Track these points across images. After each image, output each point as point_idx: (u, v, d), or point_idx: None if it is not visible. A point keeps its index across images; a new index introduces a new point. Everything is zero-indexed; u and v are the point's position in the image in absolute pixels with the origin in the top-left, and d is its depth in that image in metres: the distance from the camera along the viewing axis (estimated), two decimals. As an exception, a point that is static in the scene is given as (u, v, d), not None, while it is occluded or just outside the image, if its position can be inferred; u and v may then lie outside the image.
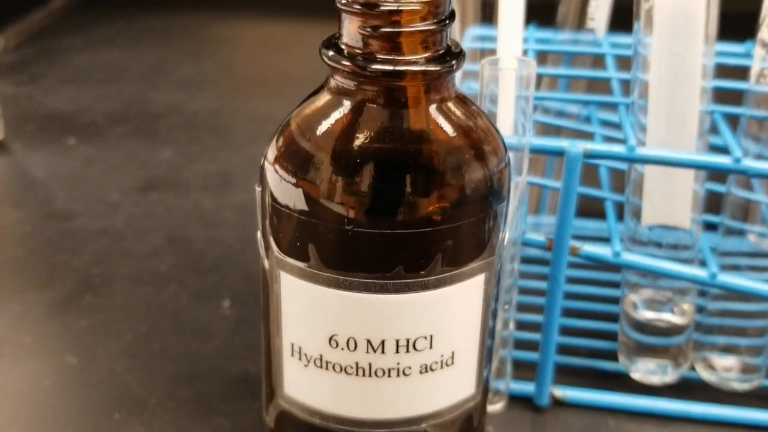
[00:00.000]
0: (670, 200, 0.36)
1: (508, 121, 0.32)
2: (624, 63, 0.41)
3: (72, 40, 0.84)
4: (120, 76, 0.75)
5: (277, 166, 0.27)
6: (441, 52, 0.26)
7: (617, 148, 0.33)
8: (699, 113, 0.34)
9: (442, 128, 0.26)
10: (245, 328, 0.40)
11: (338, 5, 0.25)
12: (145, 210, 0.52)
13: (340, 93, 0.26)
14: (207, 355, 0.38)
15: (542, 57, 0.47)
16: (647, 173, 0.35)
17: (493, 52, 0.40)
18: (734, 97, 0.38)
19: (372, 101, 0.25)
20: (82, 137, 0.62)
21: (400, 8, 0.24)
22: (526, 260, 0.42)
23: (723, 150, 0.34)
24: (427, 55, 0.25)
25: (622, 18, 0.43)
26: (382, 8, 0.24)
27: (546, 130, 0.47)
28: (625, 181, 0.36)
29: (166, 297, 0.43)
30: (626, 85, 0.39)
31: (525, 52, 0.44)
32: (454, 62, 0.26)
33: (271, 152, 0.27)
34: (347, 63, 0.25)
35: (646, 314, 0.37)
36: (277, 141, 0.27)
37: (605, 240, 0.39)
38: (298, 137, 0.27)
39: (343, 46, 0.25)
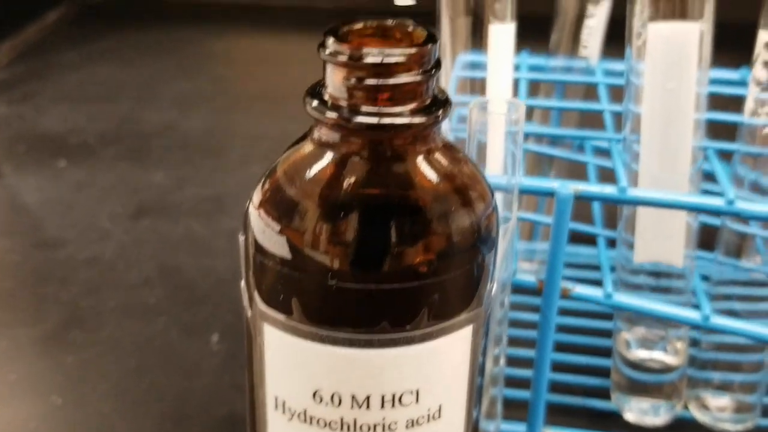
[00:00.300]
0: (662, 237, 0.35)
1: (498, 161, 0.31)
2: (617, 93, 0.41)
3: (66, 55, 0.84)
4: (113, 94, 0.75)
5: (262, 213, 0.26)
6: (427, 102, 0.25)
7: (608, 190, 0.32)
8: (692, 149, 0.34)
9: (427, 180, 0.25)
10: (233, 365, 0.40)
11: (322, 56, 0.24)
12: (135, 237, 0.51)
13: (324, 144, 0.25)
14: (195, 393, 0.38)
15: (535, 84, 0.47)
16: (639, 210, 0.35)
17: (483, 82, 0.39)
18: (728, 129, 0.37)
19: (356, 154, 0.25)
20: (73, 159, 0.62)
21: (385, 61, 0.24)
22: (517, 290, 0.42)
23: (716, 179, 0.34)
24: (412, 106, 0.25)
25: (616, 43, 0.43)
26: (366, 61, 0.24)
27: (538, 159, 0.46)
28: (618, 216, 0.36)
29: (155, 331, 0.42)
30: (619, 118, 0.39)
31: (516, 82, 0.43)
32: (440, 113, 0.25)
33: (257, 198, 0.27)
34: (331, 115, 0.24)
35: (639, 353, 0.36)
36: (262, 187, 0.27)
37: (598, 268, 0.38)
38: (282, 187, 0.26)
39: (326, 97, 0.25)
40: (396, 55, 0.24)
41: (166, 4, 1.04)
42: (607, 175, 0.38)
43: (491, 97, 0.31)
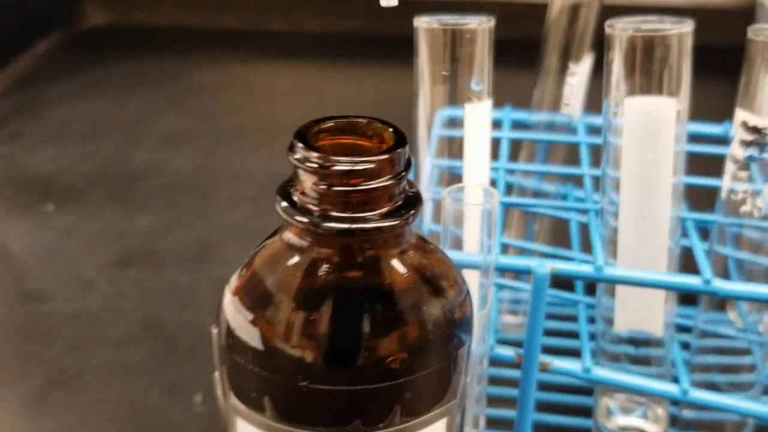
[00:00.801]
0: (642, 306, 0.36)
1: (474, 240, 0.31)
2: (599, 151, 0.41)
3: (55, 88, 0.84)
4: (102, 131, 0.75)
5: (236, 311, 0.26)
6: (398, 204, 0.25)
7: (585, 269, 0.32)
8: (671, 221, 0.34)
9: (399, 280, 0.25)
10: (216, 428, 0.40)
11: (291, 160, 0.25)
12: (120, 289, 0.51)
13: (295, 246, 0.25)
14: (176, 462, 0.38)
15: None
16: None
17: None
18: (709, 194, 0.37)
19: (327, 257, 0.25)
20: (61, 203, 0.62)
21: (354, 168, 0.24)
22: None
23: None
24: (383, 210, 0.25)
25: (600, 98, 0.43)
26: (336, 169, 0.24)
27: (522, 214, 0.47)
28: (597, 285, 0.36)
29: (138, 392, 0.42)
30: (599, 182, 0.39)
31: (498, 141, 0.43)
32: (411, 213, 0.25)
33: (230, 295, 0.27)
34: (301, 219, 0.24)
35: (621, 421, 0.36)
36: (236, 285, 0.27)
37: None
38: (255, 287, 0.26)
39: (296, 197, 0.25)
40: (365, 162, 0.24)
41: (157, 29, 1.04)
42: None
43: (467, 183, 0.31)
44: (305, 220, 0.24)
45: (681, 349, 0.37)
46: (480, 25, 0.32)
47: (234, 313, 0.26)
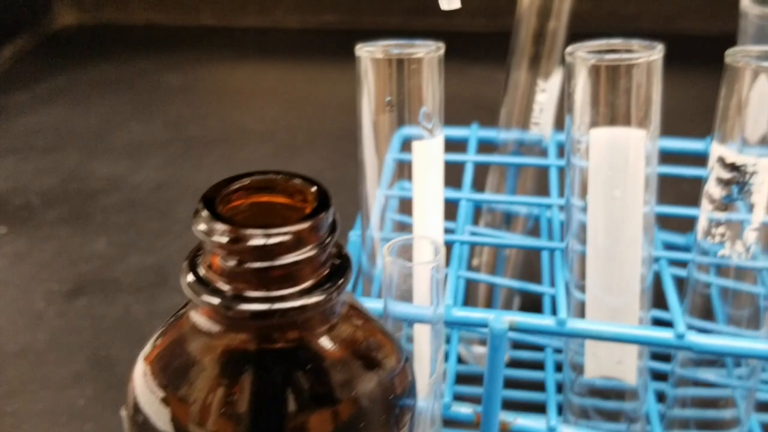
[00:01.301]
0: (615, 352, 0.33)
1: (424, 292, 0.28)
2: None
3: (18, 97, 0.80)
4: (62, 142, 0.72)
5: (146, 389, 0.23)
6: (324, 274, 0.22)
7: (547, 322, 0.29)
8: (642, 260, 0.31)
9: (327, 362, 0.23)
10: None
11: (195, 232, 0.22)
12: (69, 322, 0.48)
13: (203, 330, 0.22)
14: None
15: (488, 150, 0.44)
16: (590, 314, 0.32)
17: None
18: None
19: (242, 344, 0.22)
20: (14, 225, 0.59)
21: (268, 243, 0.21)
22: (451, 423, 0.39)
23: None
24: (306, 285, 0.22)
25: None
26: (248, 243, 0.21)
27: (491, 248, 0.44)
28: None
29: (81, 442, 0.40)
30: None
31: (464, 164, 0.40)
32: (340, 283, 0.22)
33: (138, 382, 0.24)
34: (210, 301, 0.21)
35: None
36: (151, 351, 0.24)
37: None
38: (167, 365, 0.23)
39: (204, 273, 0.22)
40: (282, 234, 0.21)
41: (129, 28, 1.01)
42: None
43: (415, 235, 0.28)
44: (214, 301, 0.21)
45: (656, 401, 0.35)
46: (428, 54, 0.29)
47: (144, 389, 0.23)
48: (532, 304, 0.39)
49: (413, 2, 1.01)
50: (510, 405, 0.35)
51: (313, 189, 0.22)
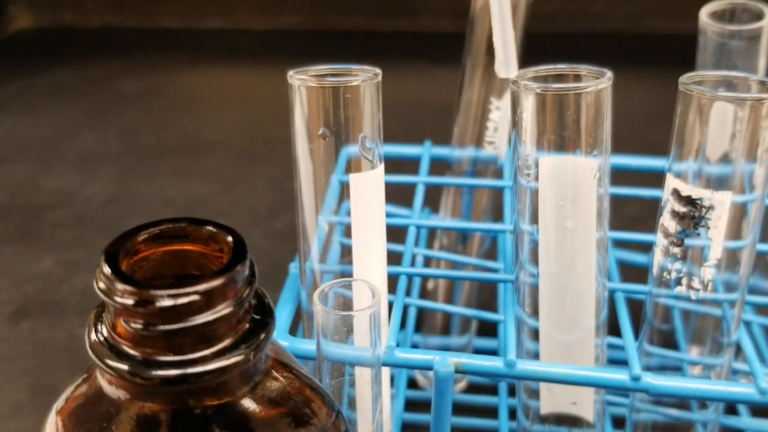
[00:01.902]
0: (570, 390, 0.31)
1: (363, 334, 0.27)
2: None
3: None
4: (12, 154, 0.70)
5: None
6: (243, 331, 0.20)
7: (495, 363, 0.28)
8: (597, 295, 0.29)
9: (249, 426, 0.21)
10: None
11: (96, 290, 0.20)
12: (11, 348, 0.46)
13: (110, 397, 0.20)
14: None
15: (442, 170, 0.42)
16: (545, 352, 0.31)
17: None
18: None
19: (153, 414, 0.20)
20: (-44, 243, 0.56)
21: (177, 303, 0.19)
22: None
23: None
24: (223, 345, 0.20)
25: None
26: (155, 305, 0.19)
27: (448, 268, 0.42)
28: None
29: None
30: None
31: (415, 185, 0.39)
32: (262, 339, 0.20)
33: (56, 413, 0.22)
34: (115, 366, 0.19)
35: None
36: (64, 404, 0.22)
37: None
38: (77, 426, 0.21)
39: (108, 335, 0.20)
40: (192, 293, 0.19)
41: (86, 31, 0.98)
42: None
43: (349, 280, 0.27)
44: (121, 367, 0.19)
45: (613, 427, 0.33)
46: (363, 83, 0.27)
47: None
48: (492, 324, 0.38)
49: (378, 3, 0.99)
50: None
51: (229, 238, 0.21)
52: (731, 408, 0.38)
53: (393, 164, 0.41)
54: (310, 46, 0.94)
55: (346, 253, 0.31)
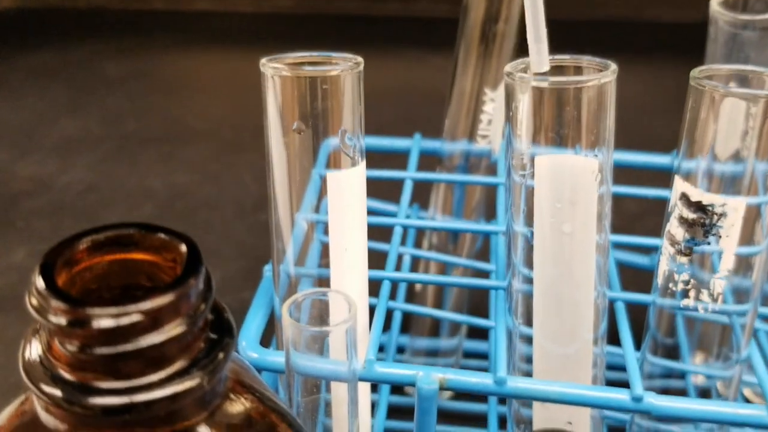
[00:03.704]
0: (565, 408, 0.29)
1: (339, 349, 0.24)
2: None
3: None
4: (-11, 139, 0.67)
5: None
6: (198, 351, 0.18)
7: (485, 380, 0.25)
8: (596, 305, 0.27)
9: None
10: None
11: (29, 306, 0.17)
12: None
13: (48, 426, 0.18)
14: None
15: (432, 164, 0.40)
16: (538, 366, 0.28)
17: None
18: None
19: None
20: (-75, 233, 0.54)
21: (120, 324, 0.17)
22: None
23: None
24: (175, 368, 0.18)
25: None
26: (93, 326, 0.16)
27: (438, 267, 0.40)
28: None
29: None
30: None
31: (403, 182, 0.36)
32: (219, 359, 0.18)
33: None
34: (49, 392, 0.17)
35: None
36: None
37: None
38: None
39: (44, 356, 0.18)
40: (138, 312, 0.17)
41: (73, 11, 0.95)
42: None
43: (324, 291, 0.24)
44: (55, 393, 0.17)
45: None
46: (343, 72, 0.24)
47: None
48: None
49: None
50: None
51: (182, 247, 0.18)
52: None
53: (380, 158, 0.39)
54: (302, 30, 0.91)
55: (327, 253, 0.28)
